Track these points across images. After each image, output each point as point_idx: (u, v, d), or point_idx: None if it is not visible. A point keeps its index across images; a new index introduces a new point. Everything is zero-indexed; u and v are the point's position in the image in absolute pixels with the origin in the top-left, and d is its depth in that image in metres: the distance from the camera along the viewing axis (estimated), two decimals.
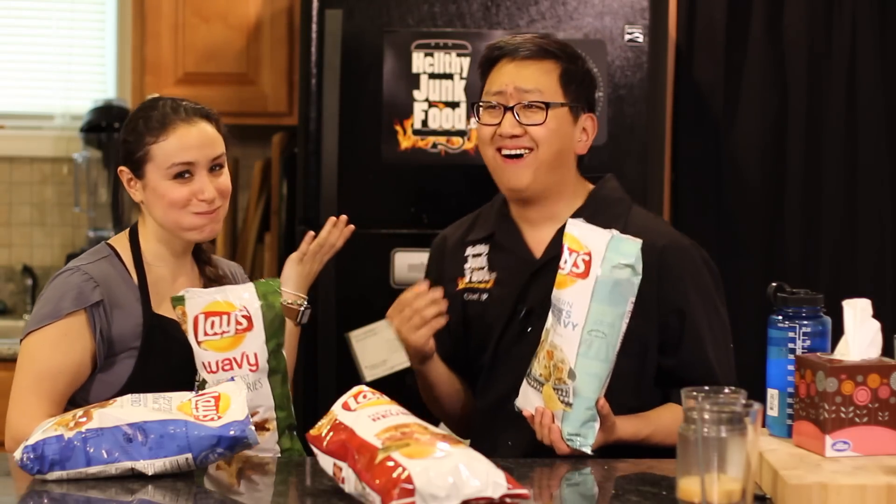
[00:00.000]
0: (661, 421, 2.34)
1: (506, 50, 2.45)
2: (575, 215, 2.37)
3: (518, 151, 2.43)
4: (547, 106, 2.41)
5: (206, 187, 2.36)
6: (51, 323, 2.29)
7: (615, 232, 2.20)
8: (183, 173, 2.35)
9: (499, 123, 2.43)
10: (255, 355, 2.26)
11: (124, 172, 2.39)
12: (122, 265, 2.36)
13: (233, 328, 2.26)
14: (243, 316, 2.27)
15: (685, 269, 2.40)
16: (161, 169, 2.34)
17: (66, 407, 2.27)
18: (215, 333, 2.26)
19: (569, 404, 2.17)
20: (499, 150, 2.44)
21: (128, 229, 2.44)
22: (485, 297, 2.50)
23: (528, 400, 2.24)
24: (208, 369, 2.25)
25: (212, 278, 2.46)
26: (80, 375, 2.30)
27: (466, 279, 2.54)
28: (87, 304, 2.29)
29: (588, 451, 2.17)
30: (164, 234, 2.40)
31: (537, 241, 2.47)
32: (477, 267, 2.54)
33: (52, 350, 2.28)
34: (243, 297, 2.29)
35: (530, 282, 2.44)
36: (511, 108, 2.43)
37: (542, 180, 2.44)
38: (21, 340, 2.33)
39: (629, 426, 2.29)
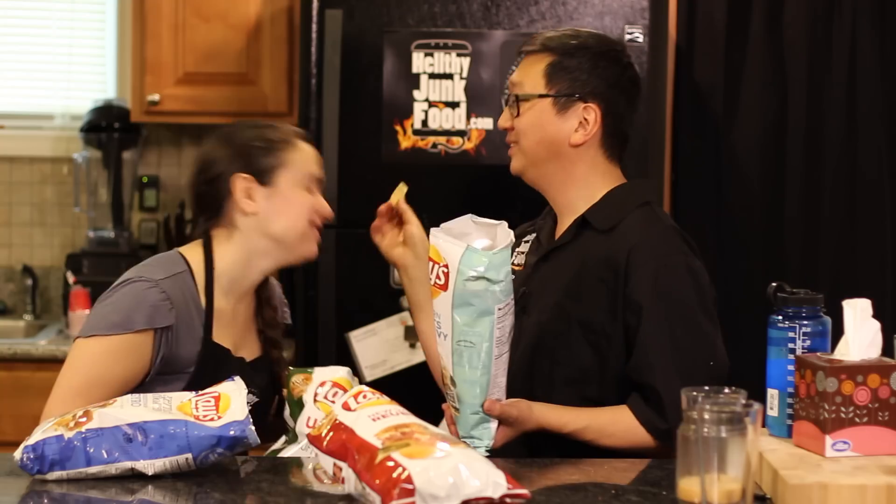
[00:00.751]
0: (599, 419, 2.31)
1: (522, 45, 2.49)
2: (590, 210, 2.41)
3: (511, 143, 2.47)
4: (518, 99, 2.43)
5: (326, 205, 2.40)
6: (119, 334, 2.26)
7: (470, 244, 2.22)
8: (311, 187, 2.37)
9: None
10: None
11: (245, 179, 2.33)
12: (195, 285, 2.33)
13: None
14: None
15: (651, 271, 2.32)
16: (297, 175, 2.35)
17: None
18: (332, 401, 2.26)
19: (457, 409, 2.25)
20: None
21: (200, 242, 2.38)
22: (512, 278, 2.53)
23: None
24: (310, 424, 2.24)
25: (267, 301, 2.45)
26: (129, 388, 2.28)
27: (514, 261, 2.56)
28: (159, 325, 2.26)
29: (483, 451, 2.21)
30: (252, 254, 2.36)
31: (561, 230, 2.48)
32: (521, 252, 2.57)
33: (113, 361, 2.26)
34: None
35: (536, 267, 2.46)
36: (507, 103, 2.47)
37: (536, 169, 2.45)
38: (77, 337, 2.30)
39: (553, 416, 2.29)
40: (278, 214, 2.34)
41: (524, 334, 2.41)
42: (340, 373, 2.32)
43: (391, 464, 1.75)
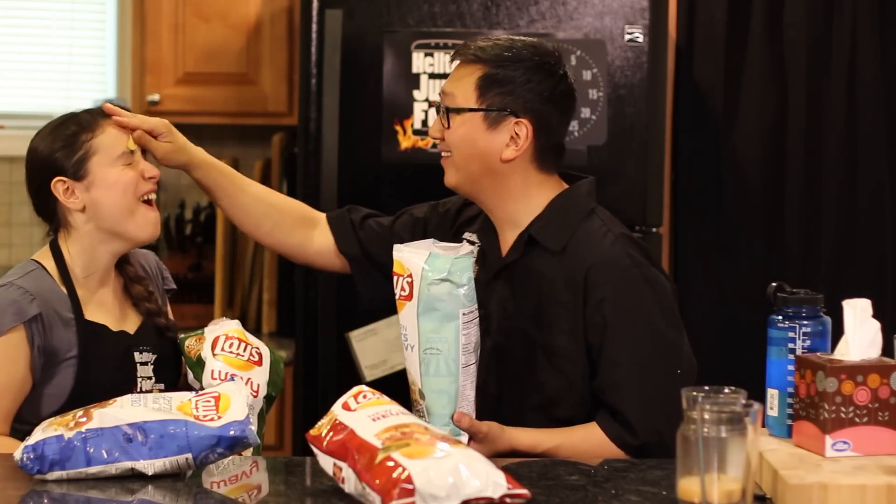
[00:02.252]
0: (571, 438, 2.30)
1: (455, 51, 2.44)
2: (533, 223, 2.38)
3: (443, 154, 2.44)
4: (448, 111, 2.39)
5: (149, 165, 2.41)
6: None
7: (432, 250, 2.23)
8: (126, 162, 2.38)
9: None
10: (259, 385, 2.33)
11: (61, 182, 2.37)
12: (50, 277, 2.36)
13: (247, 355, 2.35)
14: (258, 352, 2.37)
15: (610, 289, 2.30)
16: (107, 158, 2.37)
17: (13, 424, 2.27)
18: (231, 352, 2.33)
19: (427, 423, 2.21)
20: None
21: (47, 246, 2.43)
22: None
23: None
24: (214, 376, 2.30)
25: (132, 277, 2.47)
26: (24, 391, 2.30)
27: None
28: (26, 317, 2.28)
29: None
30: (95, 245, 2.39)
31: (506, 245, 2.44)
32: (470, 239, 2.53)
33: None
34: (259, 343, 2.39)
35: (490, 285, 2.42)
36: (438, 112, 2.42)
37: (471, 184, 2.41)
38: None
39: (524, 437, 2.27)
40: (103, 201, 2.37)
41: (489, 359, 2.39)
42: (231, 325, 2.39)
43: (391, 464, 1.75)
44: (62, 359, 2.32)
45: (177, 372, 2.48)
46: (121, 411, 2.01)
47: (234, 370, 2.31)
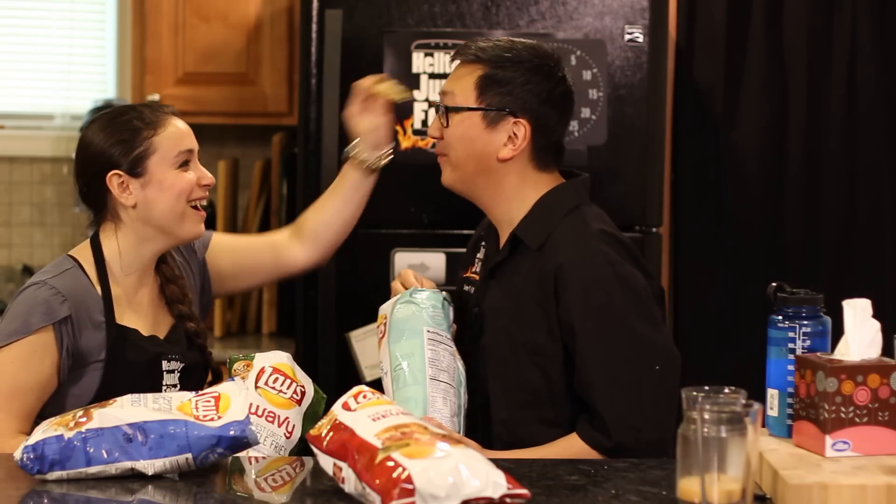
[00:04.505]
0: (550, 452, 2.30)
1: (455, 51, 2.46)
2: (520, 225, 2.40)
3: (440, 153, 2.46)
4: (448, 110, 2.41)
5: (205, 173, 2.41)
6: (20, 339, 2.28)
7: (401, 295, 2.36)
8: (186, 161, 2.37)
9: None
10: (294, 427, 2.30)
11: (117, 175, 2.36)
12: (86, 277, 2.36)
13: (289, 393, 2.31)
14: (301, 390, 2.34)
15: (578, 289, 2.31)
16: (167, 157, 2.36)
17: (36, 421, 2.26)
18: (273, 388, 2.30)
19: None
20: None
21: (88, 240, 2.42)
22: (472, 290, 2.53)
23: None
24: (251, 411, 2.25)
25: (168, 277, 2.46)
26: (48, 390, 2.30)
27: (473, 269, 2.56)
28: (55, 319, 2.28)
29: None
30: (140, 241, 2.39)
31: (502, 244, 2.46)
32: (479, 258, 2.56)
33: (21, 367, 2.27)
34: (306, 381, 2.36)
35: (485, 284, 2.46)
36: (438, 111, 2.45)
37: (466, 183, 2.44)
38: None
39: (503, 456, 2.25)
40: (156, 201, 2.36)
41: (480, 359, 2.41)
42: (281, 358, 2.35)
43: (391, 464, 1.75)
44: (90, 362, 2.31)
45: (202, 380, 2.47)
46: (121, 411, 2.01)
47: (272, 407, 2.28)
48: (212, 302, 2.65)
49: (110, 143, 2.36)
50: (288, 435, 2.27)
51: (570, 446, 2.31)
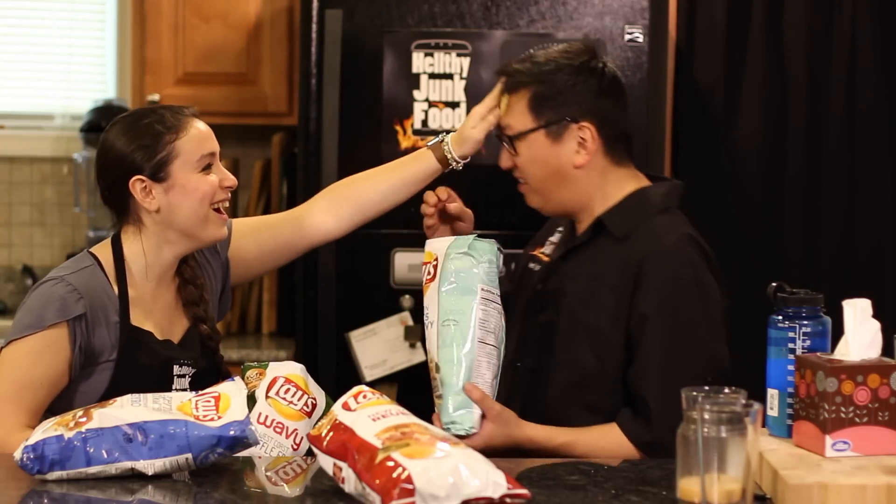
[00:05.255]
0: (587, 434, 2.32)
1: (501, 86, 2.48)
2: (608, 213, 2.43)
3: (520, 181, 2.49)
4: (511, 140, 2.44)
5: (227, 174, 2.41)
6: (33, 333, 2.27)
7: (458, 236, 2.34)
8: (209, 165, 2.38)
9: None
10: (302, 439, 2.28)
11: (139, 181, 2.34)
12: (105, 276, 2.35)
13: (300, 405, 2.29)
14: (312, 402, 2.31)
15: (659, 282, 2.33)
16: (190, 161, 2.35)
17: (44, 416, 2.25)
18: (284, 399, 2.28)
19: (440, 396, 2.27)
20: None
21: (109, 239, 2.41)
22: (537, 268, 2.55)
23: None
24: (260, 420, 2.25)
25: (187, 278, 2.46)
26: (59, 386, 2.30)
27: (541, 249, 2.59)
28: (70, 316, 2.27)
29: (464, 433, 2.23)
30: (162, 244, 2.38)
31: (580, 229, 2.50)
32: (552, 241, 2.58)
33: (33, 361, 2.27)
34: (318, 392, 2.34)
35: (555, 265, 2.48)
36: (503, 143, 2.48)
37: (552, 201, 2.47)
38: (1, 349, 2.32)
39: (540, 428, 2.30)
40: (180, 206, 2.36)
41: (534, 332, 2.43)
42: (294, 369, 2.33)
43: (391, 464, 1.75)
44: (100, 361, 2.31)
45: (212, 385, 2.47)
46: (121, 411, 2.01)
47: (281, 418, 2.26)
48: (230, 305, 2.63)
49: (133, 148, 2.34)
50: (295, 447, 2.25)
51: (606, 434, 2.32)
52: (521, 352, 2.45)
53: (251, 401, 2.29)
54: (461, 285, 2.27)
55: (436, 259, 2.31)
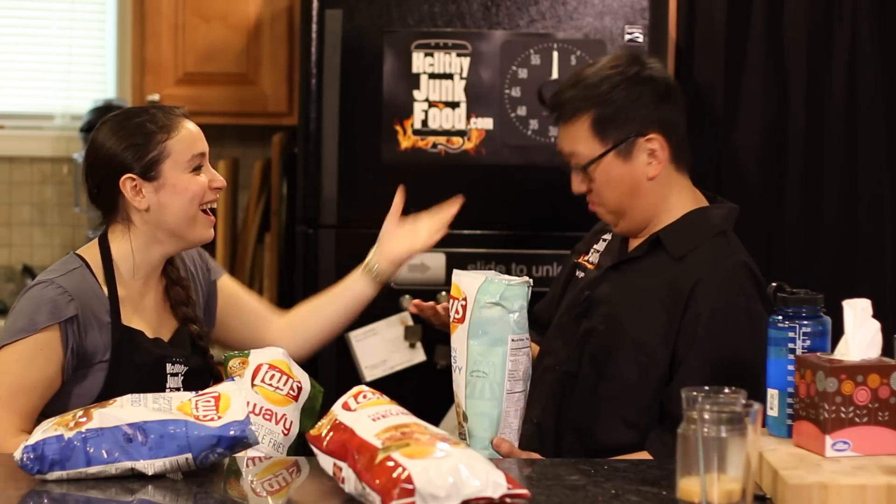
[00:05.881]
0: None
1: (553, 116, 2.48)
2: (665, 228, 2.42)
3: (596, 204, 2.48)
4: (584, 168, 2.43)
5: (216, 175, 2.41)
6: (25, 337, 2.27)
7: (489, 275, 2.27)
8: (199, 165, 2.38)
9: None
10: (292, 423, 2.29)
11: (130, 180, 2.35)
12: (93, 277, 2.35)
13: (286, 390, 2.29)
14: (298, 386, 2.31)
15: (712, 306, 2.32)
16: (180, 161, 2.35)
17: (38, 419, 2.25)
18: (271, 385, 2.28)
19: (467, 445, 2.22)
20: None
21: (96, 240, 2.41)
22: (582, 275, 2.55)
23: None
24: (250, 409, 2.24)
25: (174, 279, 2.46)
26: (52, 389, 2.30)
27: (586, 257, 2.58)
28: (61, 318, 2.27)
29: None
30: (150, 244, 2.38)
31: (634, 243, 2.50)
32: (597, 250, 2.58)
33: (26, 365, 2.27)
34: (302, 375, 2.34)
35: (605, 274, 2.47)
36: (574, 171, 2.46)
37: (629, 219, 2.46)
38: None
39: None
40: (169, 205, 2.36)
41: (578, 339, 2.42)
42: (276, 354, 2.33)
43: (391, 464, 1.75)
44: (94, 362, 2.31)
45: (205, 384, 2.46)
46: (121, 411, 2.01)
47: (269, 404, 2.26)
48: (213, 326, 2.60)
49: (123, 147, 2.35)
50: (286, 432, 2.26)
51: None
52: (560, 356, 2.44)
53: None
54: (492, 336, 2.26)
55: (464, 299, 2.28)
